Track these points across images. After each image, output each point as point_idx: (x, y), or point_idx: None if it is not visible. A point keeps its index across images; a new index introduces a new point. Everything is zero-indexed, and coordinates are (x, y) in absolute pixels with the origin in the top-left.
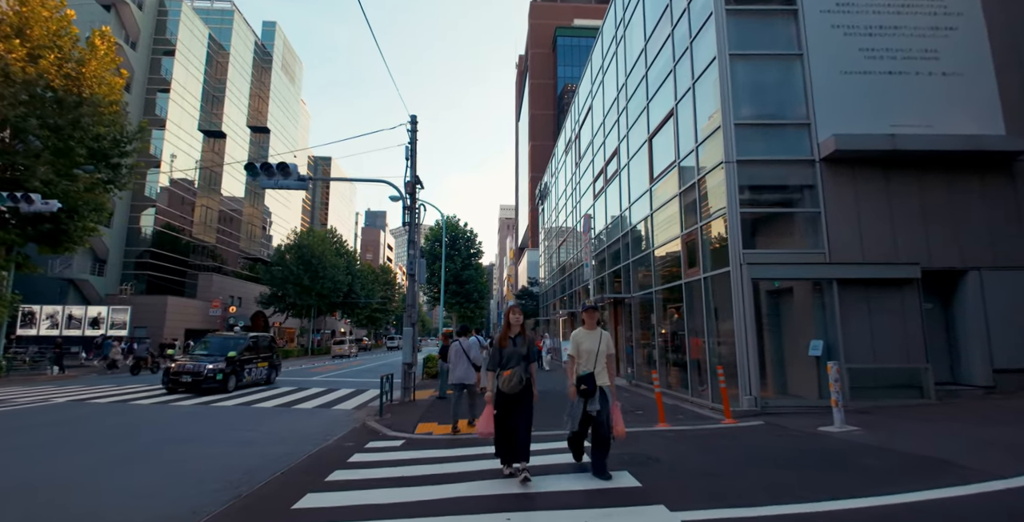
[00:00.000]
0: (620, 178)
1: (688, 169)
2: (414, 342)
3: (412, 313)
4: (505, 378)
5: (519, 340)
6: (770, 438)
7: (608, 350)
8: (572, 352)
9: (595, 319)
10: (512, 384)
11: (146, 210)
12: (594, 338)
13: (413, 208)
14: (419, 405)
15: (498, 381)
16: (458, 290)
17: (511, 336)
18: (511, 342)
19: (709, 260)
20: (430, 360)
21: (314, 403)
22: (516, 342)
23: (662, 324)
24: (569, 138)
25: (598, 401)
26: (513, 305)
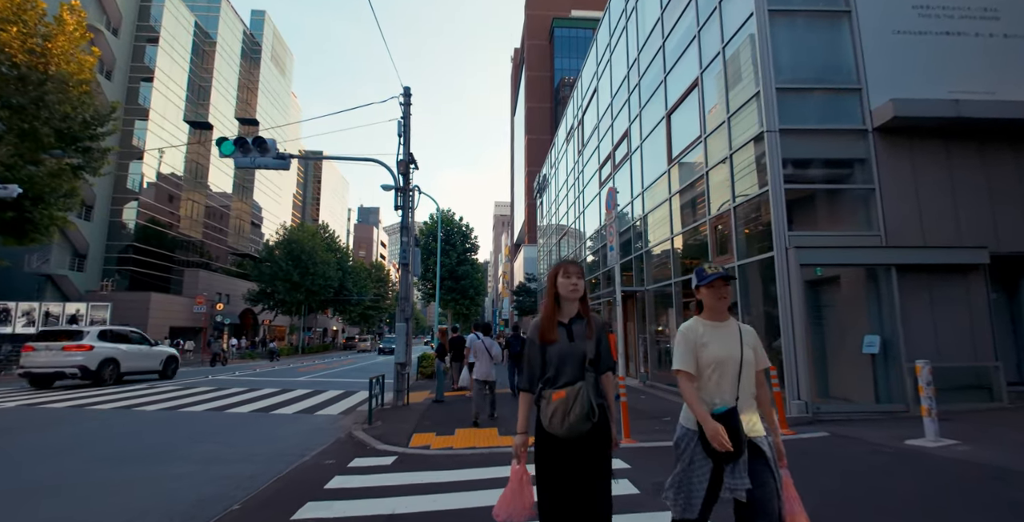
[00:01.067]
0: (631, 162)
1: (716, 144)
2: (408, 339)
3: (406, 307)
4: (556, 406)
5: (579, 326)
6: (855, 457)
7: (759, 359)
8: (684, 365)
9: (727, 301)
10: (572, 420)
11: (129, 203)
12: (728, 337)
13: (407, 190)
14: (414, 410)
15: (541, 413)
16: (453, 286)
17: (563, 320)
18: (564, 332)
19: (744, 246)
20: (426, 359)
21: (296, 407)
22: (574, 332)
23: (683, 319)
24: (571, 125)
25: (752, 469)
26: (568, 262)
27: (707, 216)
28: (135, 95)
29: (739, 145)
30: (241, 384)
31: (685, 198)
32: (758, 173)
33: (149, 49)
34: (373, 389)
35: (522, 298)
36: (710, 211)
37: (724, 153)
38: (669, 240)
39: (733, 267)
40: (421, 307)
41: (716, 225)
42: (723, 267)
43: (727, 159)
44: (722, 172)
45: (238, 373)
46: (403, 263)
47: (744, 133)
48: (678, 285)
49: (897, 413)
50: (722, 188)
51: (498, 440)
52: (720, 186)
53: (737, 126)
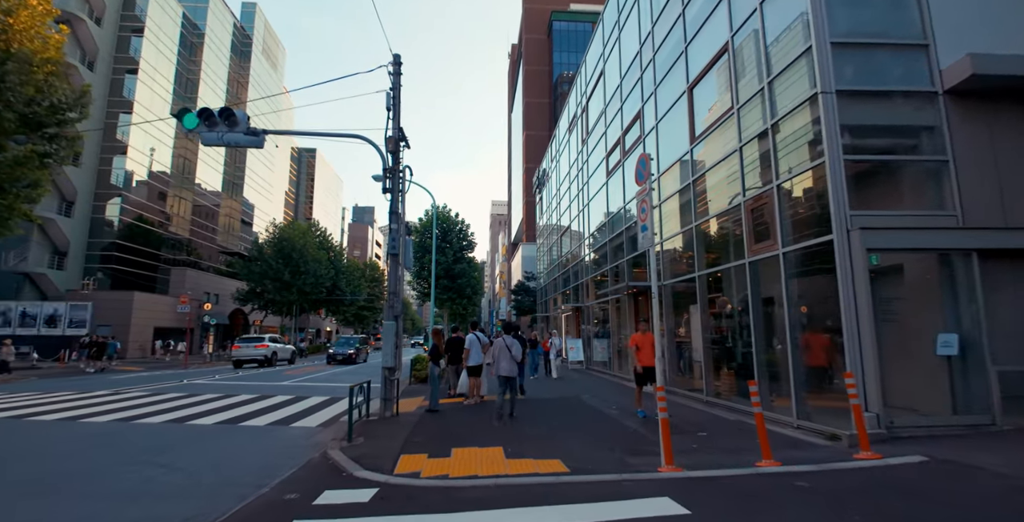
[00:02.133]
0: (643, 146)
1: (752, 115)
2: (397, 340)
3: (395, 303)
4: None
5: None
6: (992, 497)
7: None
8: None
9: None
10: None
11: (112, 199)
12: None
13: (396, 171)
14: (403, 422)
15: None
16: (449, 285)
17: None
18: None
19: (789, 230)
20: (420, 362)
21: (270, 417)
22: None
23: (707, 317)
24: (574, 115)
25: None
26: None
27: (741, 199)
28: (119, 87)
29: (785, 112)
30: (217, 389)
31: (711, 180)
32: (809, 145)
33: (134, 40)
34: (355, 398)
35: (521, 297)
36: (744, 193)
37: (762, 125)
38: (691, 229)
39: (777, 255)
40: (416, 307)
41: (752, 208)
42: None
43: (767, 131)
44: (760, 147)
45: (218, 377)
46: (392, 253)
47: (790, 99)
48: (702, 280)
49: (981, 427)
50: (760, 165)
51: (505, 466)
52: (758, 163)
53: (781, 91)
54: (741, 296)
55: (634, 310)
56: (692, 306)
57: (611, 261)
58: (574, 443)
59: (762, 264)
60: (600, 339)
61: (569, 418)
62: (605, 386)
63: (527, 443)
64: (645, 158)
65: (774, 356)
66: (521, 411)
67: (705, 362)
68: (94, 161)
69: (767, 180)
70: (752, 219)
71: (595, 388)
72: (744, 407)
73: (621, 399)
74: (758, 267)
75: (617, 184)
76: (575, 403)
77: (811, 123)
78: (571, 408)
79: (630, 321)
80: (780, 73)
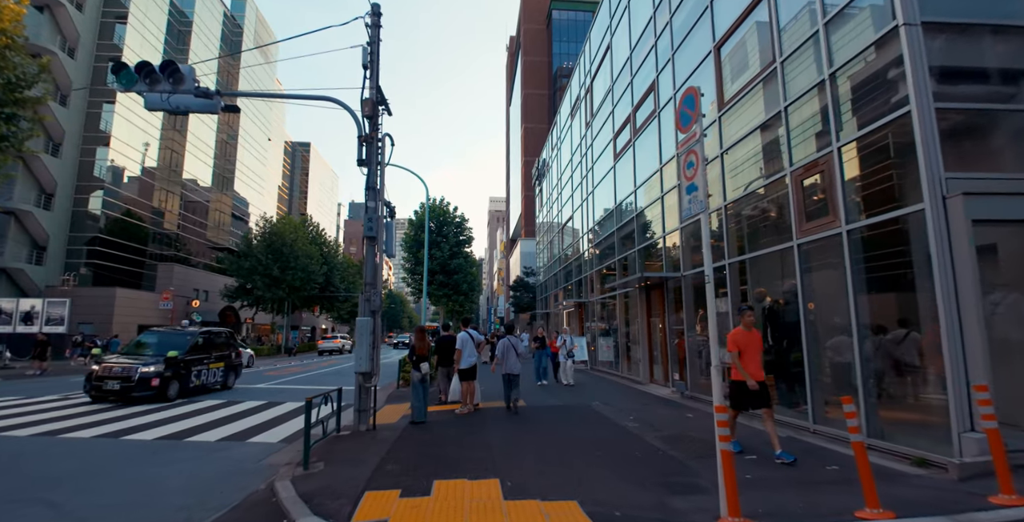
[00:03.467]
0: (659, 120)
1: (801, 67)
2: (375, 340)
3: (372, 296)
4: None
5: None
6: None
7: None
8: None
9: None
10: None
11: (94, 192)
12: None
13: (374, 139)
14: (380, 439)
15: None
16: (445, 281)
17: None
18: None
19: (857, 202)
20: (407, 363)
21: (228, 430)
22: None
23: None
24: (577, 97)
25: None
26: None
27: (786, 170)
28: (102, 76)
29: (849, 57)
30: None
31: (744, 151)
32: (883, 95)
33: (118, 27)
34: (318, 411)
35: (519, 294)
36: (791, 161)
37: (816, 77)
38: (719, 210)
39: (838, 234)
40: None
41: (801, 180)
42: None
43: (822, 84)
44: (812, 105)
45: None
46: (369, 235)
47: (855, 40)
48: (733, 269)
49: None
50: (813, 127)
51: (503, 513)
52: (810, 125)
53: (842, 33)
54: (785, 286)
55: (645, 305)
56: (720, 300)
57: (619, 252)
58: (593, 472)
59: (816, 246)
60: (606, 337)
61: (581, 434)
62: (615, 390)
63: (532, 472)
64: (693, 93)
65: (831, 358)
66: (524, 425)
67: None
68: (75, 152)
69: (823, 144)
70: (802, 193)
71: (605, 393)
72: (794, 420)
73: (636, 406)
74: (809, 251)
75: (626, 167)
76: (586, 413)
77: (887, 67)
78: (582, 420)
79: (642, 316)
80: (840, 11)
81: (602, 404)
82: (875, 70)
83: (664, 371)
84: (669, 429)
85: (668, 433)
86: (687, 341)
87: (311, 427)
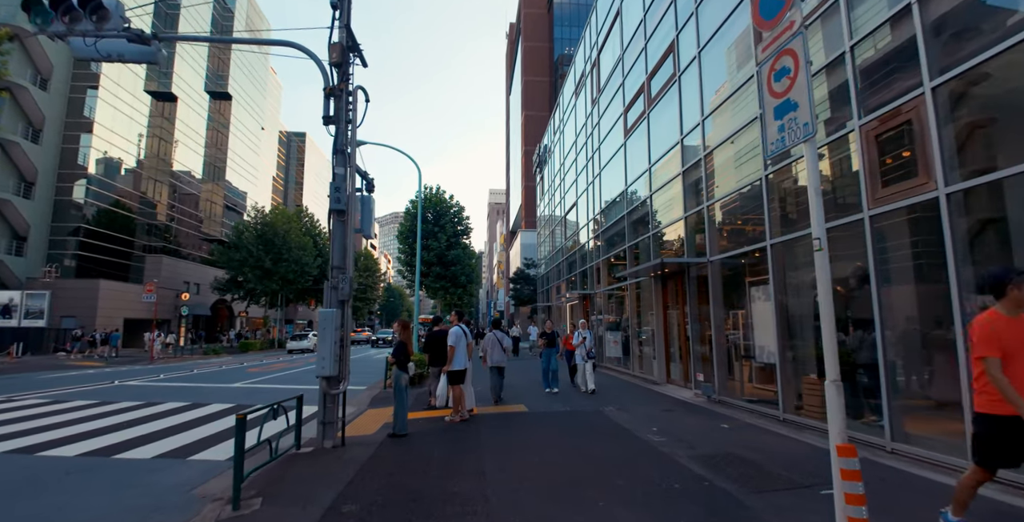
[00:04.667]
0: (679, 85)
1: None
2: (345, 336)
3: (341, 282)
4: None
5: None
6: None
7: None
8: None
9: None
10: None
11: (78, 180)
12: None
13: (344, 92)
14: (346, 460)
15: None
16: (443, 273)
17: None
18: None
19: (964, 156)
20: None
21: (171, 443)
22: None
23: (782, 302)
24: (582, 72)
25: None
26: None
27: (853, 124)
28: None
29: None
30: (144, 395)
31: None
32: (1002, 18)
33: None
34: (257, 432)
35: (520, 286)
36: (861, 114)
37: (895, 3)
38: (758, 181)
39: (933, 199)
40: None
41: (876, 135)
42: None
43: (907, 9)
44: (887, 40)
45: (163, 375)
46: (336, 209)
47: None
48: (776, 251)
49: None
50: (891, 68)
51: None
52: (886, 65)
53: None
54: (851, 270)
55: (661, 296)
56: (757, 288)
57: (629, 239)
58: (615, 513)
59: (896, 217)
60: (613, 331)
61: (596, 452)
62: (627, 392)
63: (536, 517)
64: None
65: (930, 357)
66: (524, 439)
67: (782, 365)
68: (57, 138)
69: (911, 84)
70: (876, 151)
71: (616, 395)
72: (859, 435)
73: (656, 413)
74: (885, 223)
75: (639, 144)
76: (598, 422)
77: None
78: (594, 431)
79: (658, 308)
80: None
81: (616, 409)
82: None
83: (684, 370)
84: (705, 445)
85: (705, 451)
86: (714, 336)
87: (242, 453)
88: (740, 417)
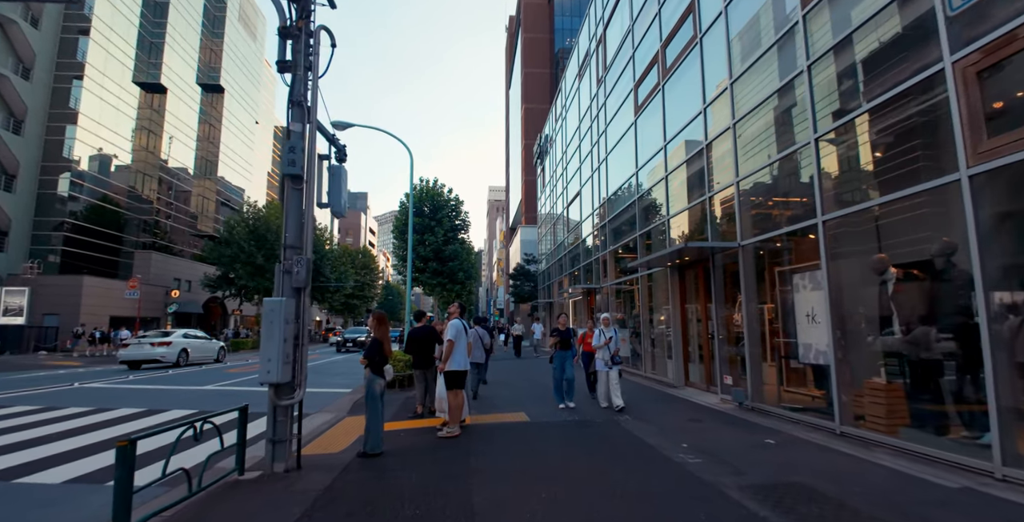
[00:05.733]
0: (700, 48)
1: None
2: (300, 333)
3: (296, 265)
4: None
5: None
6: None
7: None
8: None
9: None
10: None
11: (63, 173)
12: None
13: (302, 29)
14: (294, 494)
15: None
16: (440, 269)
17: None
18: None
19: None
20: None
21: (100, 460)
22: None
23: (838, 291)
24: (586, 51)
25: None
26: None
27: (944, 60)
28: (70, 48)
29: None
30: (99, 398)
31: (845, 59)
32: None
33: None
34: (168, 452)
35: (520, 282)
36: (950, 48)
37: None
38: (809, 145)
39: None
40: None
41: (979, 71)
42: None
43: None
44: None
45: (132, 376)
46: (290, 174)
47: None
48: (831, 228)
49: None
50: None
51: None
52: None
53: None
54: (934, 248)
55: (679, 288)
56: (802, 276)
57: (640, 226)
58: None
59: (1008, 176)
60: (621, 328)
61: (619, 482)
62: (643, 396)
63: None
64: None
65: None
66: (527, 463)
67: (838, 367)
68: (40, 129)
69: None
70: (979, 93)
71: (631, 399)
72: (952, 456)
73: (682, 423)
74: (992, 184)
75: (652, 120)
76: (613, 436)
77: None
78: (612, 450)
79: (675, 302)
80: None
81: (633, 419)
82: None
83: (706, 372)
84: (755, 471)
85: (758, 479)
86: (747, 333)
87: (128, 495)
88: (784, 429)
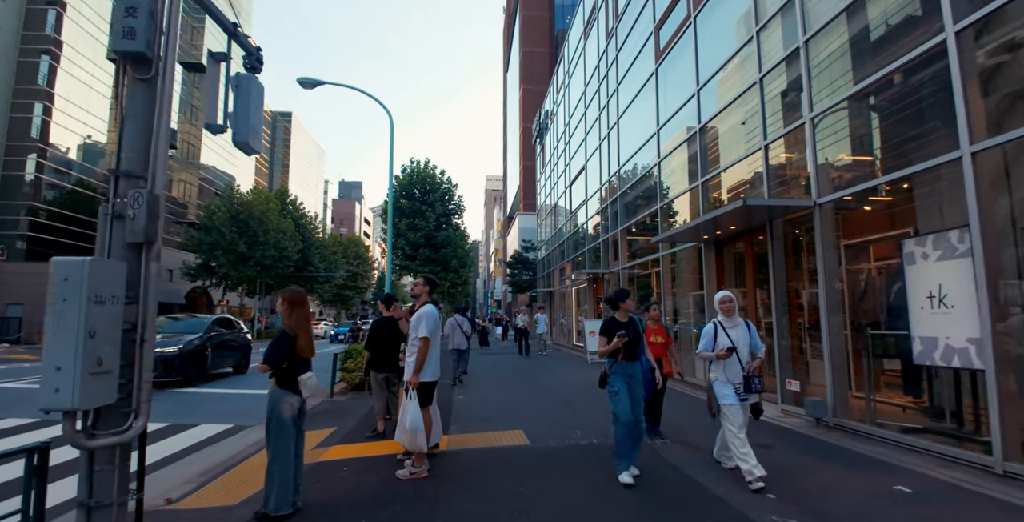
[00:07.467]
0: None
1: None
2: (143, 322)
3: (134, 206)
4: None
5: None
6: None
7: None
8: None
9: None
10: None
11: (29, 154)
12: None
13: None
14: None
15: None
16: (432, 256)
17: None
18: None
19: None
20: (354, 354)
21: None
22: None
23: (1005, 258)
24: (595, 4)
25: None
26: None
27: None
28: (38, 21)
29: None
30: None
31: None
32: None
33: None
34: None
35: (517, 271)
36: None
37: None
38: (942, 45)
39: None
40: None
41: None
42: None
43: None
44: None
45: None
46: (129, 51)
47: None
48: (986, 163)
49: None
50: None
51: None
52: None
53: None
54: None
55: (715, 267)
56: (923, 241)
57: (661, 197)
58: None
59: None
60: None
61: None
62: (676, 405)
63: None
64: None
65: None
66: (520, 515)
67: (999, 375)
68: (3, 106)
69: None
70: None
71: (664, 411)
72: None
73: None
74: None
75: (679, 63)
76: (653, 480)
77: None
78: (655, 503)
79: (710, 285)
80: None
81: (672, 443)
82: None
83: (774, 377)
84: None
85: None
86: (826, 324)
87: None
88: (903, 463)
